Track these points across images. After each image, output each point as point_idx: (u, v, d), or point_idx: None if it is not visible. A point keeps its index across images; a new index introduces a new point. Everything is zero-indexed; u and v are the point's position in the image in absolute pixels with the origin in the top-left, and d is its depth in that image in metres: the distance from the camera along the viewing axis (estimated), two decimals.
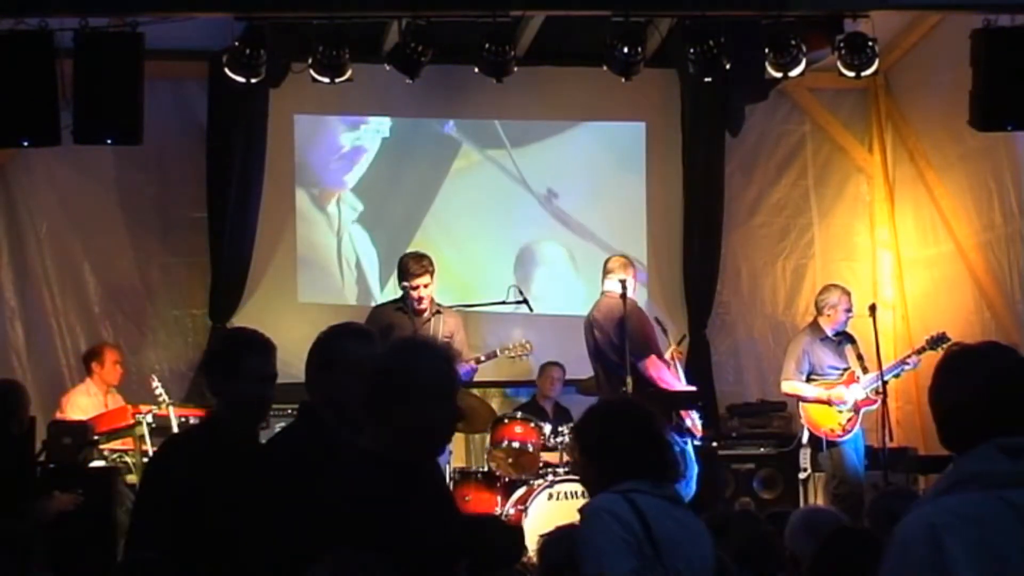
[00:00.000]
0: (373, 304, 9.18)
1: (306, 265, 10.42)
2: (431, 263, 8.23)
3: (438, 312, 8.27)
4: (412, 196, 10.57)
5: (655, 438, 3.84)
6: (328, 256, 10.51)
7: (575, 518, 3.85)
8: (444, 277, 8.91)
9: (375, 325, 8.33)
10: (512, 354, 8.81)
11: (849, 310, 8.90)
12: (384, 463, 3.28)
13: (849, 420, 8.72)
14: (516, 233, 10.68)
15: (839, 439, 8.70)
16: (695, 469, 7.98)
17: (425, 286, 8.15)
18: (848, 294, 8.99)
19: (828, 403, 8.75)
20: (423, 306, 8.20)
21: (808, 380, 8.87)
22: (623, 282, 8.03)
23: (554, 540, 4.49)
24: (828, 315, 8.90)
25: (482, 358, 8.55)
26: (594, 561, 3.58)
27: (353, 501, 3.22)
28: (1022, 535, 2.50)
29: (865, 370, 8.79)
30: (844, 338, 8.92)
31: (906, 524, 2.61)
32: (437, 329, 8.17)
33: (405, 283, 8.19)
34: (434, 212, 10.57)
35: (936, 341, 8.78)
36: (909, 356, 8.97)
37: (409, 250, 8.81)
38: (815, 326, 8.99)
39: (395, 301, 8.42)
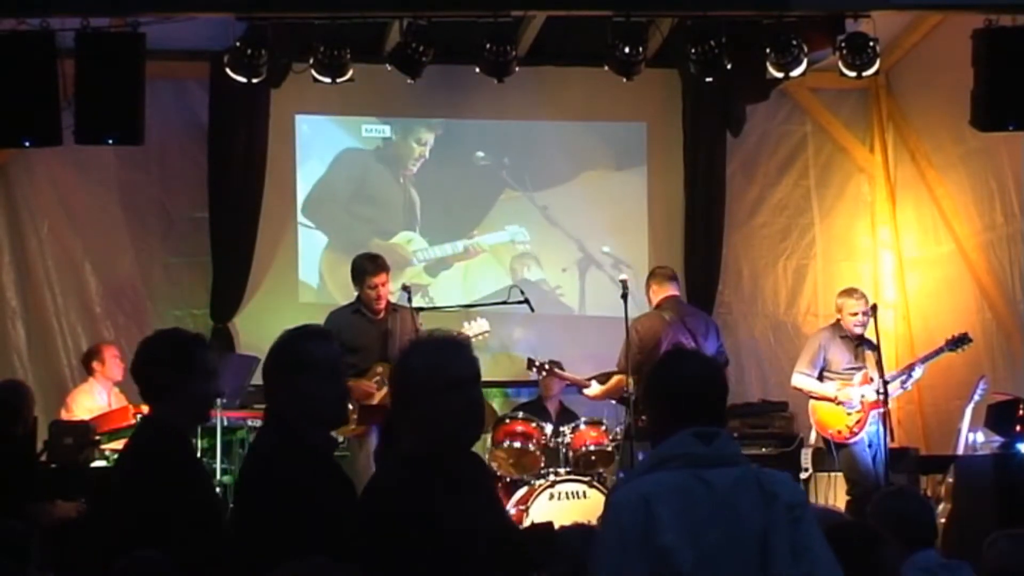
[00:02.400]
0: None
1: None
2: (385, 262, 8.20)
3: (394, 311, 8.21)
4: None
5: None
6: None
7: (576, 518, 3.85)
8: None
9: (332, 329, 8.26)
10: (468, 332, 8.54)
11: (854, 315, 8.67)
12: (408, 464, 3.31)
13: (857, 422, 8.55)
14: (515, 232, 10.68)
15: (846, 441, 8.60)
16: None
17: (383, 284, 8.08)
18: (864, 298, 8.76)
19: (835, 402, 8.63)
20: (380, 305, 8.10)
21: (820, 377, 8.77)
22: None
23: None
24: (839, 318, 8.84)
25: None
26: None
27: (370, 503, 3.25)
28: (713, 505, 3.02)
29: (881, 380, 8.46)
30: (866, 345, 8.72)
31: (619, 495, 3.13)
32: (395, 327, 8.06)
33: (362, 284, 8.10)
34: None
35: (956, 342, 8.68)
36: (917, 361, 8.88)
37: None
38: (837, 324, 8.86)
39: (351, 304, 8.28)
